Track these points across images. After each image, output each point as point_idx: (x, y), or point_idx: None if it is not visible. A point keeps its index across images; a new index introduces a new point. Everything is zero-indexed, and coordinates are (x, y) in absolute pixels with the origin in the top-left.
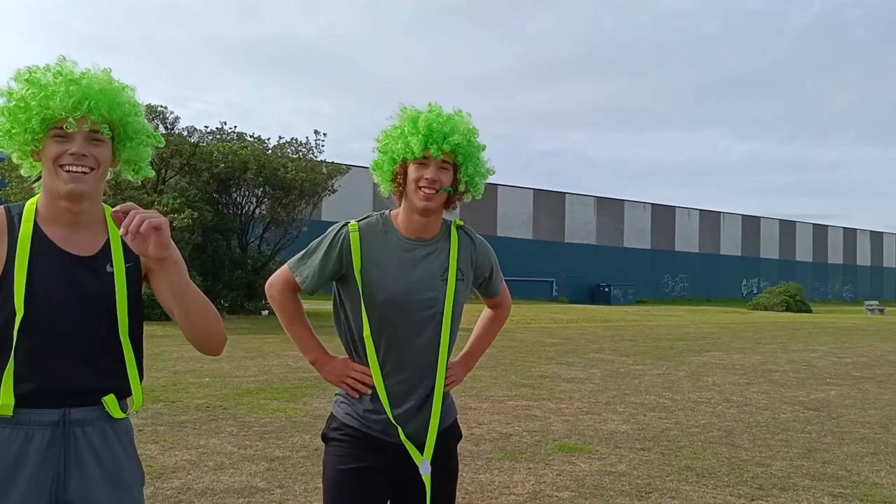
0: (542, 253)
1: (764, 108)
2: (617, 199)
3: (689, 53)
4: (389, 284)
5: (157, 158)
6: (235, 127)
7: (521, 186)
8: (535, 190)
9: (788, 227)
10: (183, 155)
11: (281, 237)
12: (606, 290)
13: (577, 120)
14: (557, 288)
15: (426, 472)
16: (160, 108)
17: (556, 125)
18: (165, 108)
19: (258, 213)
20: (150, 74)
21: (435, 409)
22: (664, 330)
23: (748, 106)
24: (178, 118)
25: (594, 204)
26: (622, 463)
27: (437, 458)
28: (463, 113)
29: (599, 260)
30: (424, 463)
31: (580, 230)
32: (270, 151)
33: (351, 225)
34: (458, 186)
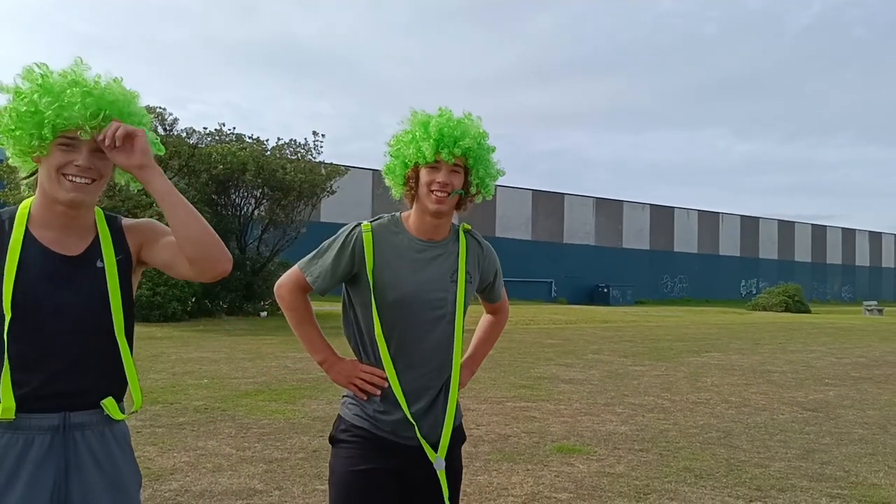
0: (540, 253)
1: (763, 108)
2: (616, 199)
3: (688, 53)
4: (400, 284)
5: (155, 160)
6: (234, 128)
7: (519, 187)
8: (533, 191)
9: (787, 227)
10: (181, 156)
11: (280, 238)
12: (605, 290)
13: (576, 120)
14: (556, 289)
15: (440, 466)
16: (159, 109)
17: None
18: (164, 109)
19: (257, 214)
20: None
21: (450, 406)
22: (663, 331)
23: (748, 106)
24: (176, 119)
25: (593, 204)
26: (620, 464)
27: (446, 459)
28: (473, 116)
29: (598, 261)
30: (439, 460)
31: (579, 231)
32: (269, 153)
33: (364, 225)
34: (469, 189)
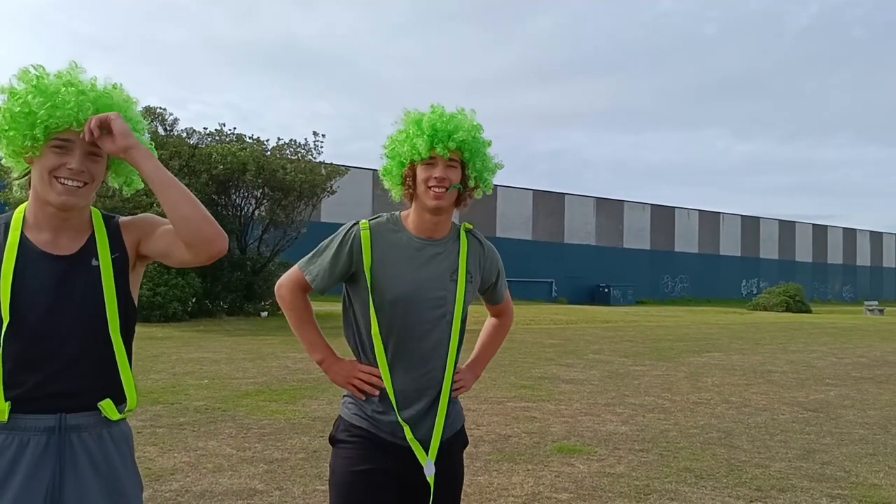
0: (541, 253)
1: (763, 108)
2: (616, 199)
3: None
4: (399, 282)
5: None
6: (234, 128)
7: (520, 187)
8: (534, 191)
9: (788, 227)
10: (182, 157)
11: (280, 238)
12: (606, 290)
13: (576, 120)
14: (557, 289)
15: (430, 472)
16: (159, 109)
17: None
18: (164, 109)
19: (257, 214)
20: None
21: (441, 408)
22: (663, 331)
23: (747, 106)
24: (177, 120)
25: (593, 204)
26: (621, 464)
27: (444, 464)
28: (466, 111)
29: (599, 260)
30: (429, 463)
31: (579, 231)
32: (269, 153)
33: (362, 223)
34: (467, 183)
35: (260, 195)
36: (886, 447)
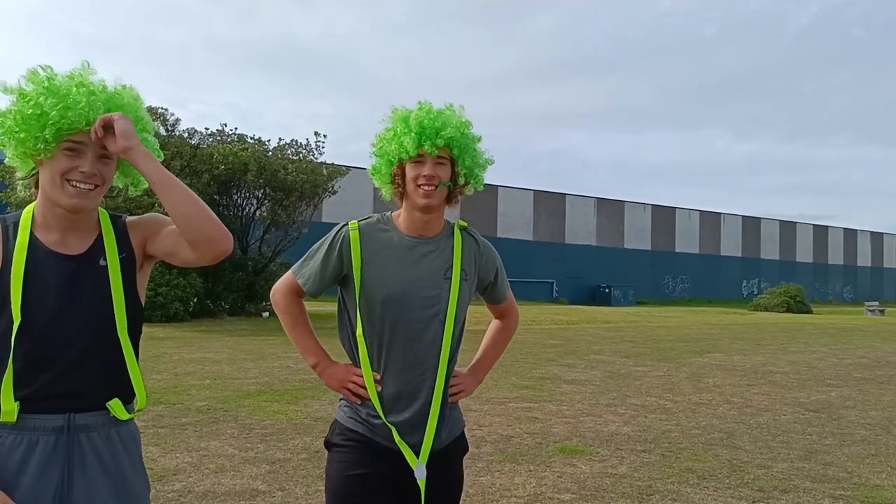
0: (542, 254)
1: (763, 108)
2: (617, 200)
3: (688, 54)
4: (389, 281)
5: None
6: (236, 129)
7: (521, 187)
8: (535, 191)
9: (789, 227)
10: (183, 157)
11: (281, 239)
12: (607, 291)
13: (576, 120)
14: (558, 289)
15: (421, 475)
16: (160, 109)
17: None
18: (166, 109)
19: (258, 214)
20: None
21: (433, 410)
22: (665, 331)
23: (747, 106)
24: (178, 120)
25: (594, 205)
26: (623, 465)
27: (442, 470)
28: (455, 107)
29: (600, 261)
30: (420, 467)
31: (580, 231)
32: (271, 153)
33: (351, 224)
34: (457, 180)
35: (261, 195)
36: (888, 448)
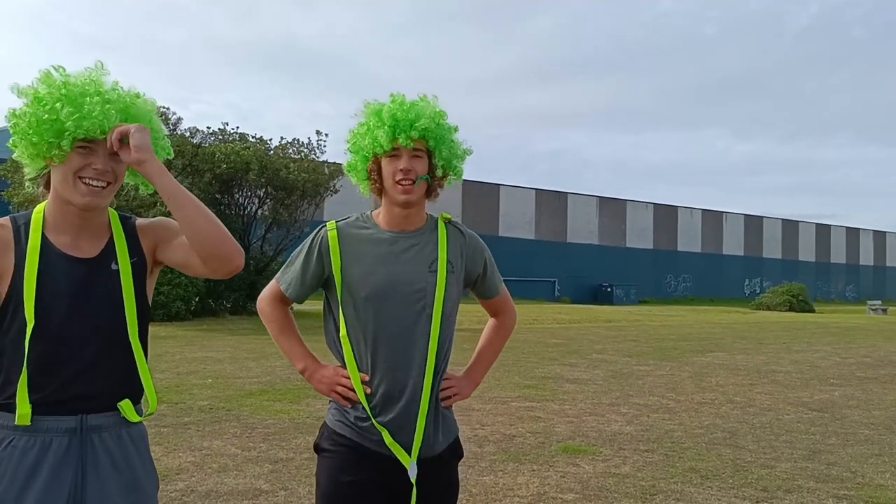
0: (544, 253)
1: (763, 108)
2: (619, 199)
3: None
4: (371, 278)
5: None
6: (238, 128)
7: (523, 186)
8: (537, 190)
9: (791, 226)
10: (185, 156)
11: (283, 238)
12: (609, 290)
13: (577, 120)
14: (560, 288)
15: (413, 474)
16: (162, 108)
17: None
18: (168, 109)
19: (260, 213)
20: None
21: (422, 407)
22: (667, 330)
23: (747, 106)
24: (180, 119)
25: (596, 204)
26: (626, 464)
27: (437, 475)
28: (428, 97)
29: (602, 260)
30: (413, 465)
31: (582, 230)
32: (272, 152)
33: (329, 225)
34: (435, 172)
35: (263, 194)
36: (892, 447)
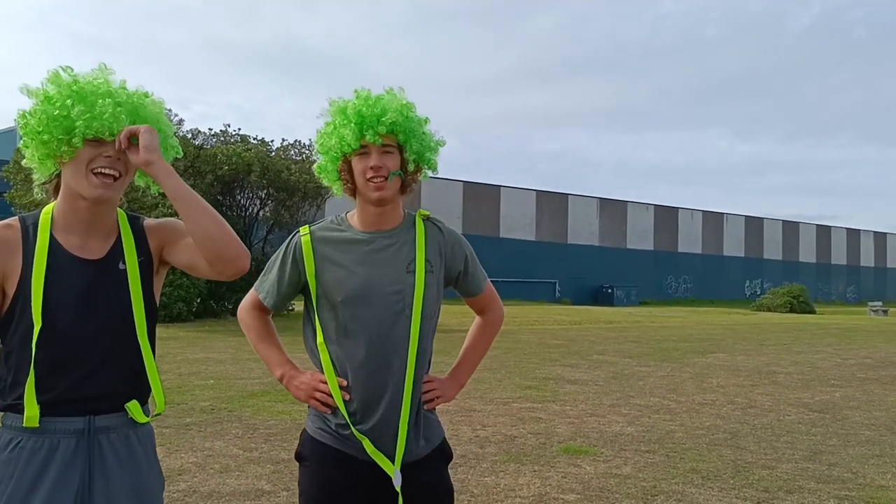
0: (544, 254)
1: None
2: (620, 200)
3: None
4: (347, 281)
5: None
6: (239, 129)
7: (523, 188)
8: (537, 191)
9: (792, 227)
10: (187, 157)
11: (284, 239)
12: (609, 291)
13: (577, 120)
14: (560, 289)
15: (398, 482)
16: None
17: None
18: (170, 110)
19: (262, 215)
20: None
21: (404, 411)
22: (668, 331)
23: (748, 106)
24: (182, 120)
25: (597, 205)
26: (627, 465)
27: (424, 481)
28: (395, 89)
29: (602, 261)
30: (397, 473)
31: (583, 231)
32: (274, 153)
33: (302, 230)
34: (407, 167)
35: (264, 196)
36: (893, 448)
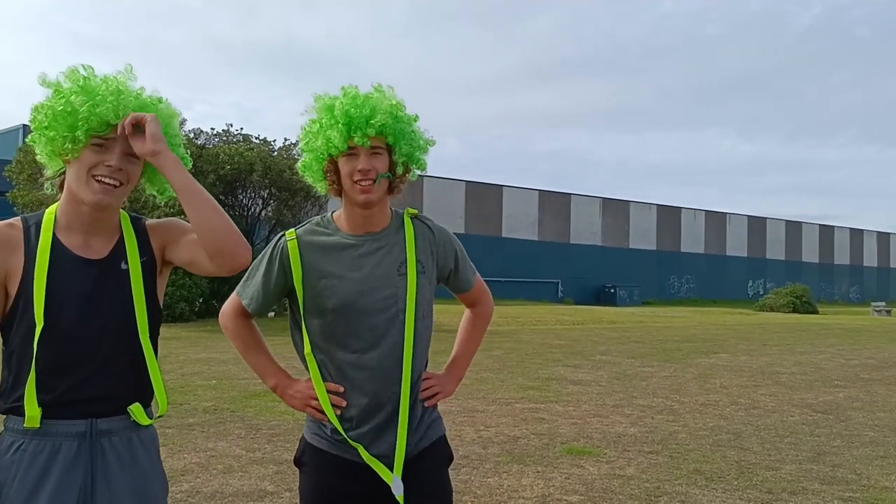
0: (547, 254)
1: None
2: (622, 200)
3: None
4: (339, 288)
5: None
6: (241, 129)
7: (526, 188)
8: (540, 191)
9: (795, 227)
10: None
11: None
12: (612, 291)
13: (578, 120)
14: (563, 289)
15: (398, 490)
16: None
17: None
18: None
19: (264, 214)
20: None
21: (402, 417)
22: (670, 331)
23: (749, 106)
24: (184, 120)
25: (599, 205)
26: (631, 466)
27: (422, 479)
28: (384, 87)
29: (605, 261)
30: (396, 481)
31: (585, 231)
32: (276, 153)
33: (288, 234)
34: (395, 169)
35: (267, 195)
36: None
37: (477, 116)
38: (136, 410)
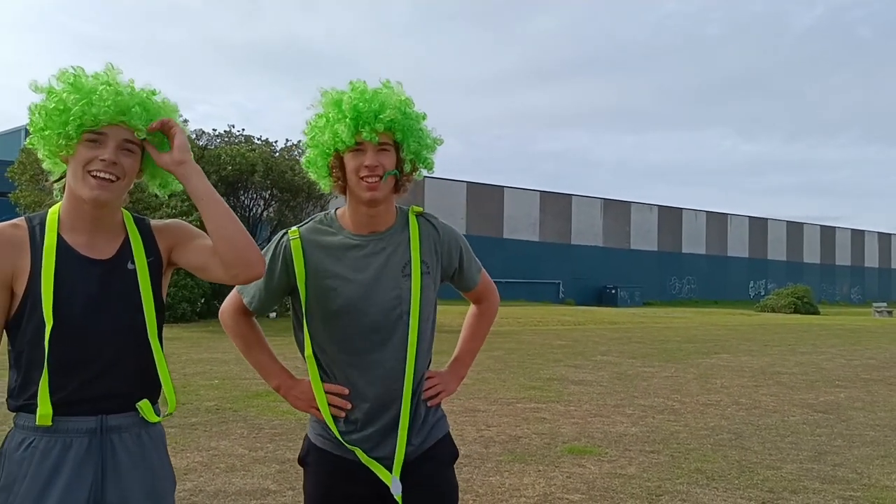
0: (548, 255)
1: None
2: (623, 200)
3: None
4: (343, 289)
5: None
6: (243, 129)
7: (527, 188)
8: (541, 192)
9: (796, 228)
10: None
11: None
12: (613, 291)
13: (578, 121)
14: (564, 290)
15: (397, 491)
16: None
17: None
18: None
19: (266, 215)
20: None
21: (403, 418)
22: (672, 332)
23: (750, 106)
24: (186, 121)
25: (601, 206)
26: (632, 465)
27: (422, 482)
28: (392, 83)
29: (606, 262)
30: (395, 481)
31: (587, 232)
32: (278, 154)
33: (291, 232)
34: (403, 167)
35: (268, 196)
36: None
37: (477, 117)
38: (144, 407)
